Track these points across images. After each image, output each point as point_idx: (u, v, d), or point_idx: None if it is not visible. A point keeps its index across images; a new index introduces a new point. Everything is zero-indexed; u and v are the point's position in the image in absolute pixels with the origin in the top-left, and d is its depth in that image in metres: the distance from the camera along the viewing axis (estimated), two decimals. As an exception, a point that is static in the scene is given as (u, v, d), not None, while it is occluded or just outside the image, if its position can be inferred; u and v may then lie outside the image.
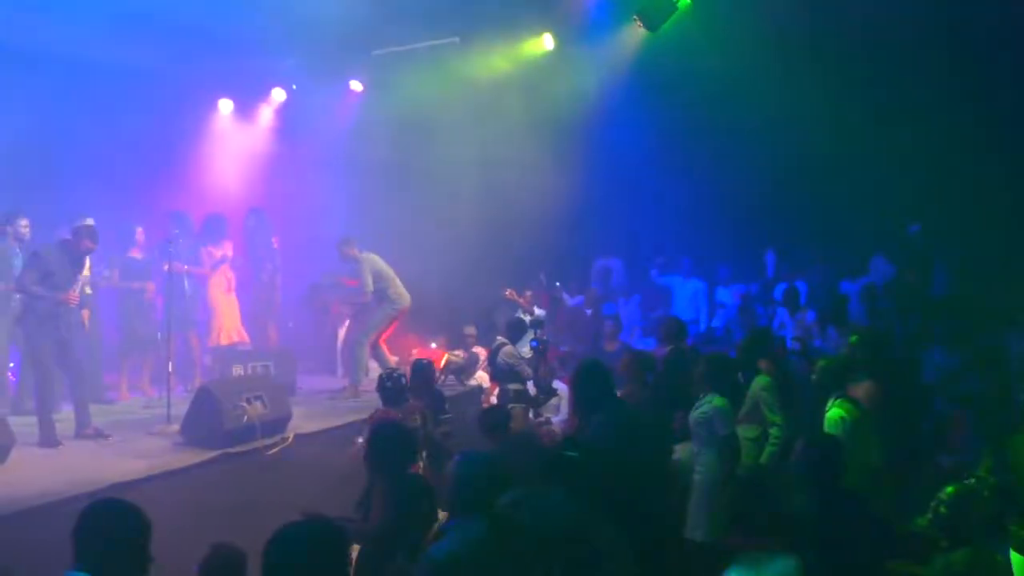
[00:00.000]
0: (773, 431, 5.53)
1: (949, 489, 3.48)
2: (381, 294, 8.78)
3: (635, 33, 9.43)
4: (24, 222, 7.68)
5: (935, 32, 8.45)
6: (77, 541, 2.81)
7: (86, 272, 6.71)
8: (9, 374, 8.02)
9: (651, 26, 8.66)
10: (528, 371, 7.88)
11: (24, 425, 6.33)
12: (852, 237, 9.64)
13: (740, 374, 5.67)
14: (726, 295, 10.47)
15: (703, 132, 9.88)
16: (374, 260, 8.80)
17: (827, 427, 4.73)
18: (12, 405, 7.46)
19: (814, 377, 5.11)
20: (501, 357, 7.75)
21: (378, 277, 8.75)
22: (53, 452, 6.06)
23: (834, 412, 4.77)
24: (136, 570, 2.80)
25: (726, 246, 10.57)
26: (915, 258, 9.02)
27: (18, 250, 7.62)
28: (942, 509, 3.43)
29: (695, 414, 4.97)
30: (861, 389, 5.23)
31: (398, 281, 8.89)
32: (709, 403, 4.91)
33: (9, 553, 4.36)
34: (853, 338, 5.80)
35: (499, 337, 8.07)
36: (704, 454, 4.91)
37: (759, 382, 5.66)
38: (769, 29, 8.81)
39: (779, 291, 9.75)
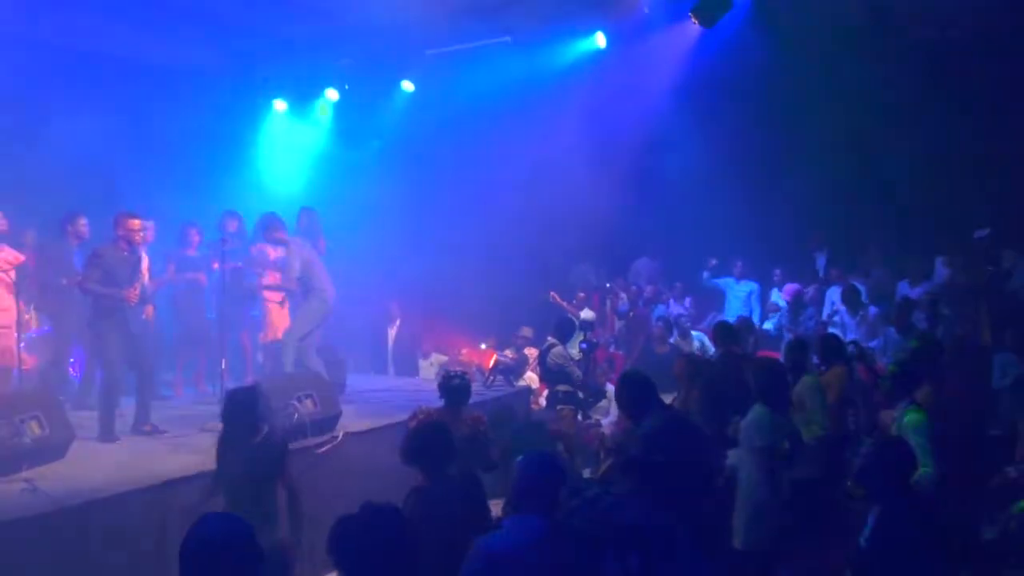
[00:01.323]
0: (813, 429, 5.48)
1: (1021, 505, 3.32)
2: (306, 284, 7.99)
3: (690, 30, 9.28)
4: (83, 221, 7.86)
5: (999, 34, 8.18)
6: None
7: (144, 269, 6.82)
8: (71, 369, 8.24)
9: (707, 23, 8.51)
10: (577, 373, 7.81)
11: (85, 419, 6.48)
12: (913, 239, 9.37)
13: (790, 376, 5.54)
14: (780, 297, 10.28)
15: (758, 131, 9.69)
16: (303, 246, 8.12)
17: (900, 433, 4.60)
18: (74, 399, 7.64)
19: (882, 381, 4.94)
20: (550, 358, 7.68)
21: (306, 265, 7.93)
22: (111, 447, 6.17)
23: (910, 418, 4.62)
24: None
25: (779, 248, 10.37)
26: (980, 262, 8.72)
27: (78, 249, 7.81)
28: (1012, 525, 3.27)
29: (743, 421, 4.87)
30: (921, 394, 5.09)
31: (326, 274, 8.15)
32: (755, 411, 4.80)
33: (66, 545, 4.45)
34: (914, 343, 5.62)
35: (550, 337, 8.00)
36: (750, 462, 4.80)
37: (805, 382, 5.54)
38: (827, 24, 8.60)
39: (833, 292, 9.54)
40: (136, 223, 6.67)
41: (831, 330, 8.26)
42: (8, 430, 5.17)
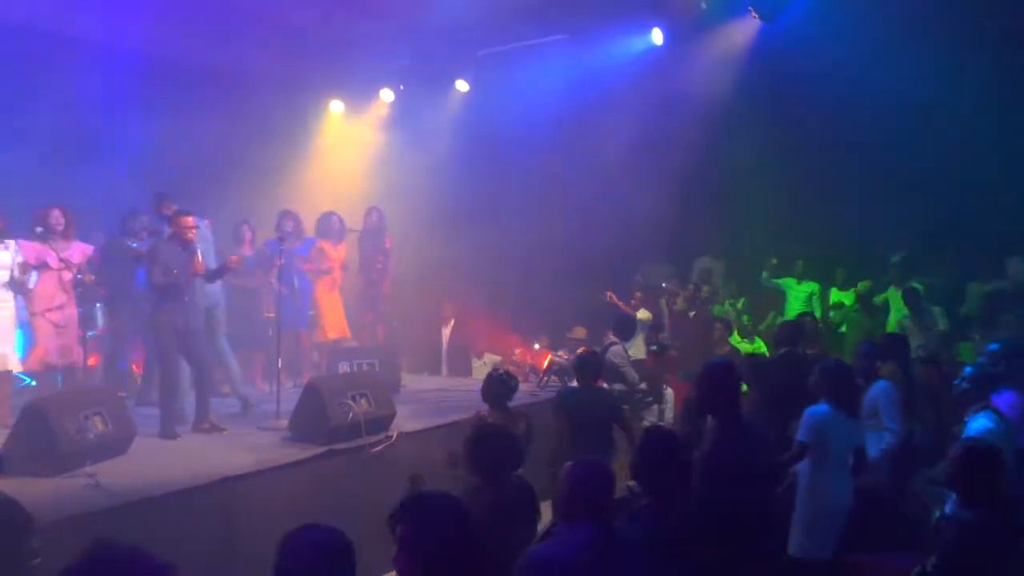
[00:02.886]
0: (886, 437, 5.30)
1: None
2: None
3: (750, 25, 9.08)
4: (144, 219, 8.02)
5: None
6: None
7: (199, 264, 6.92)
8: (134, 366, 8.42)
9: (768, 17, 8.31)
10: (634, 375, 7.69)
11: (146, 416, 6.60)
12: (983, 237, 9.00)
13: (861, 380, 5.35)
14: (842, 298, 9.98)
15: (819, 127, 9.43)
16: None
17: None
18: (137, 396, 7.79)
19: (957, 385, 4.72)
20: (608, 356, 7.58)
21: None
22: (171, 444, 6.27)
23: (979, 423, 4.40)
24: None
25: (840, 247, 10.07)
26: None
27: (138, 247, 7.97)
28: None
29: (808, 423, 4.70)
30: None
31: None
32: (822, 413, 4.63)
33: (126, 540, 4.50)
34: (992, 345, 5.37)
35: (610, 335, 7.90)
36: (815, 466, 4.63)
37: (879, 388, 5.34)
38: (892, 14, 8.33)
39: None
40: (189, 220, 6.77)
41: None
42: (73, 426, 5.27)
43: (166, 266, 6.58)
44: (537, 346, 10.20)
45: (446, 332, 10.80)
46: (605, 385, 7.95)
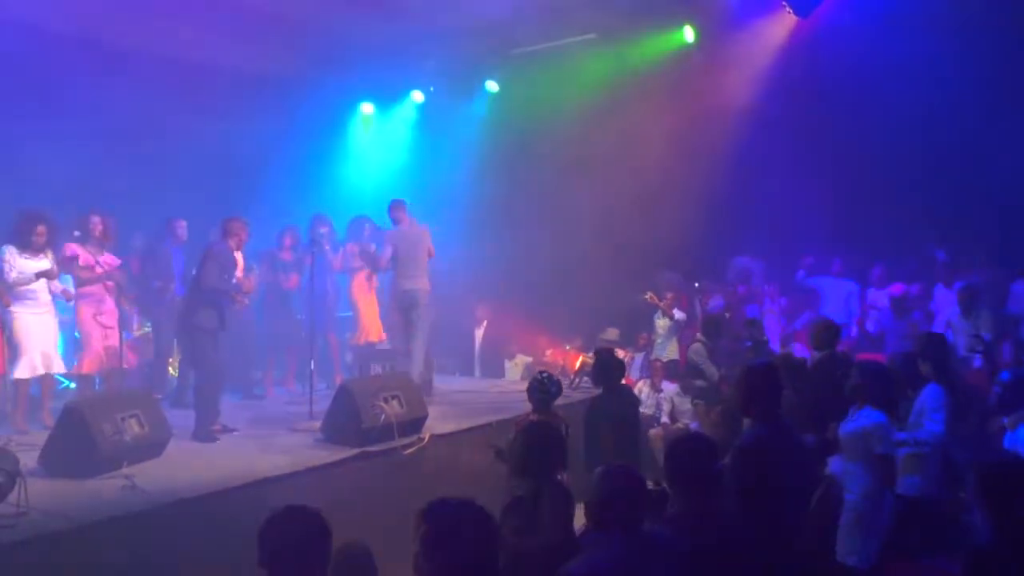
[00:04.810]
0: (920, 436, 5.09)
1: None
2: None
3: (784, 20, 8.94)
4: (182, 224, 8.12)
5: None
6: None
7: (240, 269, 7.00)
8: (169, 368, 8.52)
9: (802, 12, 8.18)
10: (714, 371, 7.91)
11: (180, 418, 6.66)
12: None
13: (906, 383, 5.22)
14: (879, 297, 9.78)
15: (853, 124, 9.25)
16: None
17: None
18: (171, 398, 7.88)
19: (997, 391, 4.59)
20: (690, 354, 8.06)
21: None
22: (205, 446, 6.31)
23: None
24: None
25: (878, 245, 9.87)
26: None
27: (176, 250, 8.07)
28: None
29: (848, 428, 4.59)
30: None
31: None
32: (866, 417, 4.51)
33: (162, 542, 4.55)
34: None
35: (698, 334, 8.31)
36: (857, 472, 4.52)
37: (928, 389, 5.19)
38: (932, 9, 8.14)
39: (939, 292, 9.04)
40: (243, 225, 6.89)
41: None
42: (111, 428, 5.33)
43: (221, 268, 6.68)
44: (568, 347, 10.15)
45: (479, 333, 10.80)
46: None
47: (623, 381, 6.14)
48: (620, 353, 8.89)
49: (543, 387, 5.60)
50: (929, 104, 8.57)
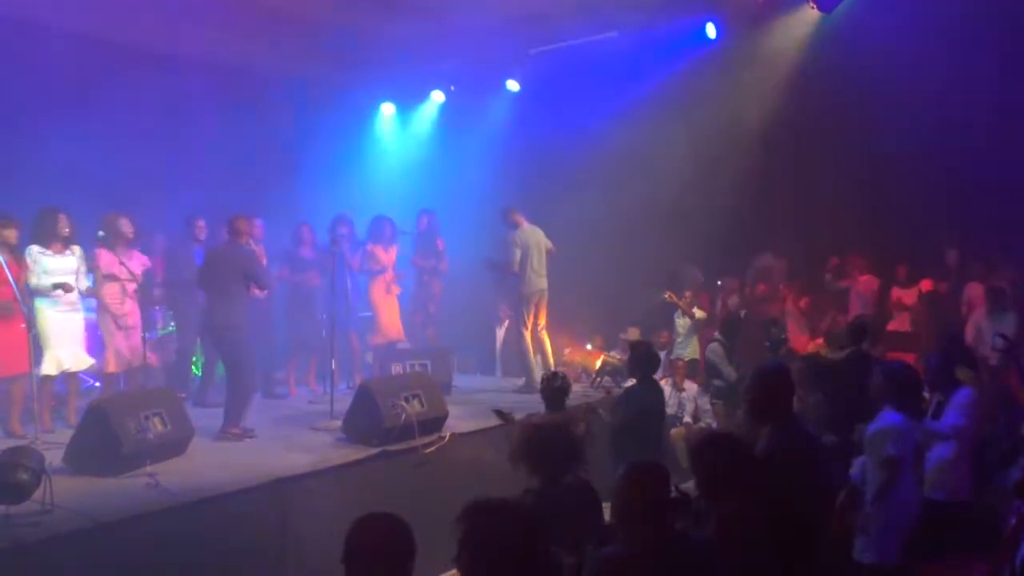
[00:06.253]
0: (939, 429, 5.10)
1: None
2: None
3: (807, 16, 8.84)
4: (201, 223, 8.17)
5: None
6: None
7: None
8: (192, 367, 8.57)
9: (826, 7, 8.08)
10: (731, 371, 7.87)
11: (203, 417, 6.70)
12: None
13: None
14: (905, 296, 9.65)
15: (877, 122, 9.12)
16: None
17: None
18: (194, 397, 7.93)
19: None
20: (708, 353, 8.04)
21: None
22: (227, 445, 6.35)
23: None
24: None
25: (903, 243, 9.74)
26: None
27: (199, 250, 8.11)
28: None
29: (869, 429, 4.53)
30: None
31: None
32: (884, 418, 4.45)
33: (185, 539, 4.57)
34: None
35: (716, 333, 8.27)
36: (873, 472, 4.46)
37: (961, 393, 5.12)
38: (957, 3, 8.02)
39: (971, 291, 8.88)
40: (249, 222, 7.03)
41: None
42: (134, 426, 5.37)
43: (263, 267, 6.82)
44: (589, 346, 10.10)
45: (500, 332, 10.76)
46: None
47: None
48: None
49: (551, 386, 5.59)
50: (956, 103, 8.45)
